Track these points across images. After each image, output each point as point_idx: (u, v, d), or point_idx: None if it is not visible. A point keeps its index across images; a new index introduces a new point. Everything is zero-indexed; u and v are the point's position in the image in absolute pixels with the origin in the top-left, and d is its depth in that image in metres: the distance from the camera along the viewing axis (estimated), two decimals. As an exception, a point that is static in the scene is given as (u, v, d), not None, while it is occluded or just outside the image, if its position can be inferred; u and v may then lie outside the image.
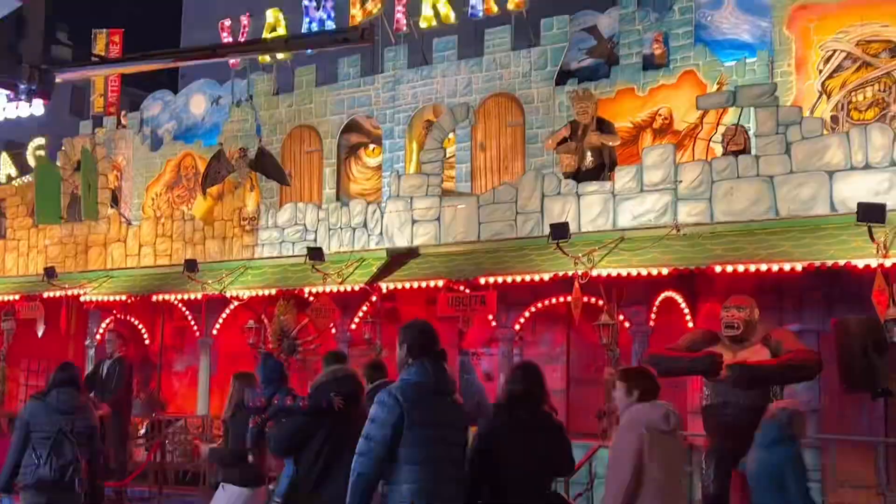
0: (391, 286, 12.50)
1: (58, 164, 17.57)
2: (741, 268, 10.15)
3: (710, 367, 8.61)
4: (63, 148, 18.28)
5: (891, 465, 10.20)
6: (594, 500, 10.27)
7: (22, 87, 6.08)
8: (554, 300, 12.19)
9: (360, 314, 13.17)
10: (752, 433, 8.51)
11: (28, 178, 20.16)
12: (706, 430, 8.98)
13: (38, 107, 16.65)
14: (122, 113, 19.92)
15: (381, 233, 13.46)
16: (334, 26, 16.52)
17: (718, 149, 12.31)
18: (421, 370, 4.95)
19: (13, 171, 20.53)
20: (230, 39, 17.63)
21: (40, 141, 20.62)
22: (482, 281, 11.71)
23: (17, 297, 16.15)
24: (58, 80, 6.61)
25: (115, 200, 17.10)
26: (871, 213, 8.98)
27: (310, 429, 6.29)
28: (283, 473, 6.61)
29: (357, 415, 5.96)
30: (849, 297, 10.67)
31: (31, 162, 19.47)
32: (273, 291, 13.48)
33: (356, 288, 12.73)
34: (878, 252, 9.18)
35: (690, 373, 9.11)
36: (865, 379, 9.22)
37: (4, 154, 20.93)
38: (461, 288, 12.01)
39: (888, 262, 9.17)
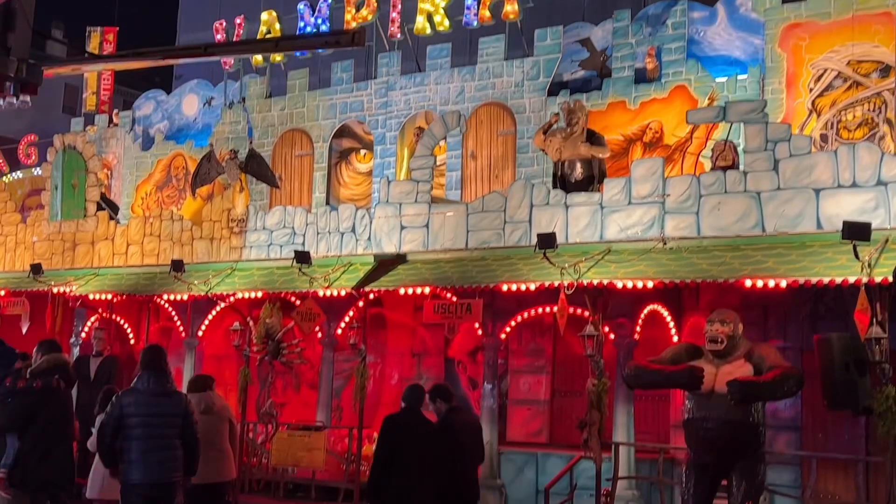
0: (378, 291, 12.49)
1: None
2: (723, 279, 10.17)
3: (689, 380, 8.64)
4: (54, 145, 18.23)
5: (871, 482, 10.23)
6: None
7: (9, 80, 6.07)
8: (540, 310, 12.19)
9: (346, 319, 13.16)
10: (732, 447, 8.57)
11: (18, 175, 20.14)
12: (687, 443, 8.99)
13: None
14: (115, 111, 19.93)
15: (369, 238, 13.44)
16: (328, 30, 16.55)
17: (707, 164, 12.35)
18: (143, 379, 7.39)
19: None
20: (224, 40, 17.63)
21: (31, 137, 20.60)
22: (468, 289, 11.70)
23: (2, 292, 16.08)
24: (46, 74, 6.60)
25: (104, 199, 17.02)
26: (856, 232, 9.00)
27: (33, 408, 7.45)
28: (8, 447, 7.46)
29: (69, 397, 7.93)
30: (833, 314, 10.72)
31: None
32: (259, 294, 13.46)
33: (343, 293, 12.71)
34: (862, 270, 9.20)
35: (669, 385, 9.14)
36: (847, 397, 9.21)
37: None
38: (447, 295, 12.01)
39: (873, 279, 9.19)
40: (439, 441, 8.29)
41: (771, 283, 9.90)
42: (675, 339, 11.35)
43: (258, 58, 17.09)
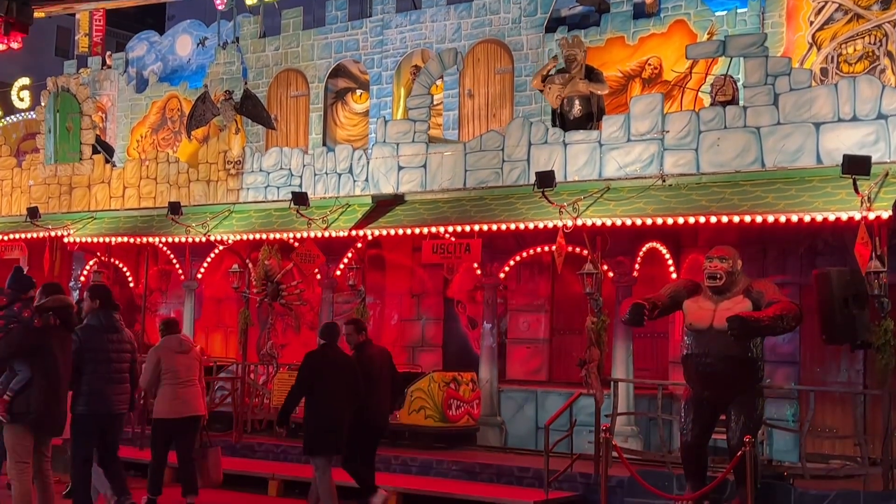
0: (376, 232, 12.46)
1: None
2: (725, 219, 10.14)
3: (632, 316, 8.80)
4: (47, 88, 18.06)
5: (869, 415, 10.30)
6: (573, 444, 10.35)
7: (-2, 19, 5.97)
8: (539, 249, 12.18)
9: (345, 260, 13.15)
10: (731, 382, 8.62)
11: (12, 119, 19.96)
12: (686, 379, 9.04)
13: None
14: (108, 53, 19.70)
15: (366, 179, 13.38)
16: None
17: (707, 99, 12.24)
18: (96, 317, 8.12)
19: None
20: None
21: (24, 81, 20.39)
22: (467, 228, 11.68)
23: (-1, 237, 16.06)
24: (37, 14, 6.48)
25: (99, 143, 16.90)
26: (856, 166, 8.94)
27: (33, 342, 7.58)
28: (21, 375, 7.55)
29: (70, 338, 8.11)
30: (831, 249, 10.72)
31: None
32: (258, 236, 13.43)
33: (341, 234, 12.69)
34: (861, 205, 9.17)
35: (629, 323, 9.21)
36: (845, 331, 9.25)
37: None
38: (446, 235, 11.98)
39: (872, 215, 9.16)
40: (355, 370, 8.92)
41: (770, 219, 9.88)
42: (674, 276, 11.35)
43: (250, -6, 16.87)
